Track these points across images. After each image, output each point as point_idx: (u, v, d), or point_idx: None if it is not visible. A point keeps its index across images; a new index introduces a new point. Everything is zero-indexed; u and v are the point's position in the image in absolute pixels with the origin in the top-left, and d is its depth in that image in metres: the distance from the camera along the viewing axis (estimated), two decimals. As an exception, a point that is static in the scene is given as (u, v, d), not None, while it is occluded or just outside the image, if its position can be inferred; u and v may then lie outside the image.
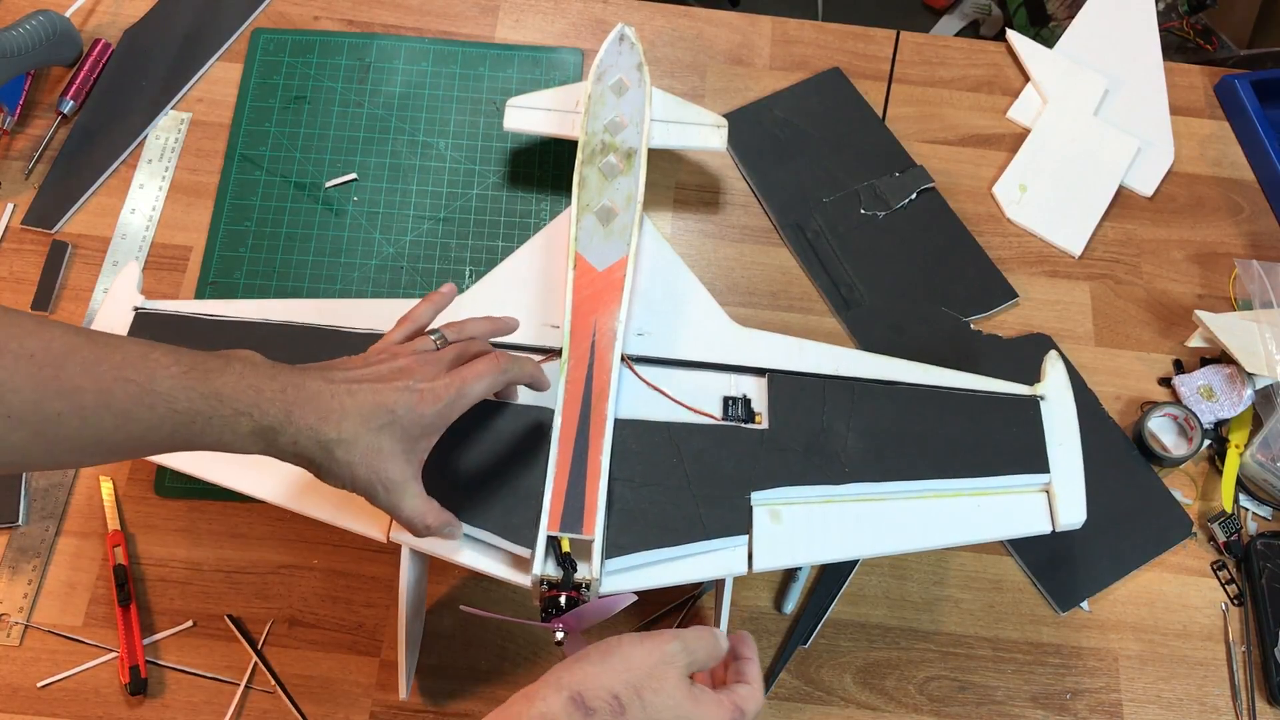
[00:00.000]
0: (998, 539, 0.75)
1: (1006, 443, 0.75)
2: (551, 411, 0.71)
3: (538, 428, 0.72)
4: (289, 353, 0.73)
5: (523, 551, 0.67)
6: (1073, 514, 0.73)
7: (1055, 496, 0.73)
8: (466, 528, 0.67)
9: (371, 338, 0.76)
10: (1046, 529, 0.73)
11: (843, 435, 0.74)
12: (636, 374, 0.76)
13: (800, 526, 0.71)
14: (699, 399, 0.76)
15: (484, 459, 0.71)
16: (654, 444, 0.72)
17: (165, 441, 0.56)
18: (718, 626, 0.75)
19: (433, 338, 0.67)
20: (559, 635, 0.64)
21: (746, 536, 0.70)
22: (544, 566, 0.65)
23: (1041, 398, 0.77)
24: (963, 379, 0.78)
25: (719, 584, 0.75)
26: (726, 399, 0.76)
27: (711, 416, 0.75)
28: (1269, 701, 0.82)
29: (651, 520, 0.69)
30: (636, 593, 0.66)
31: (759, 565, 0.69)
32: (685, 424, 0.74)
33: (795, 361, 0.78)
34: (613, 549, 0.67)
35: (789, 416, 0.75)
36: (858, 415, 0.75)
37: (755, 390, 0.77)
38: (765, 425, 0.74)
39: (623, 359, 0.75)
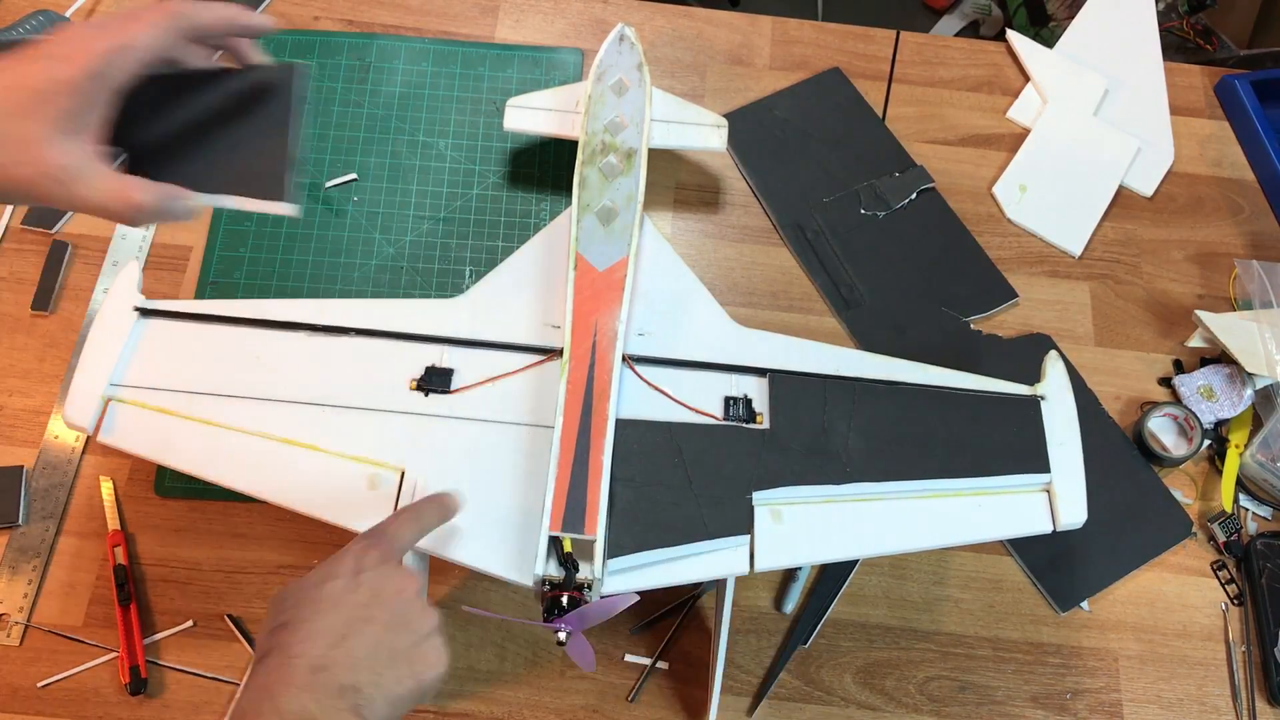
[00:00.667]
0: (998, 539, 0.75)
1: (1007, 443, 0.75)
2: (287, 67, 0.64)
3: (266, 83, 0.64)
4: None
5: (273, 207, 0.62)
6: (1073, 514, 0.73)
7: (1056, 496, 0.74)
8: (205, 197, 0.60)
9: (372, 334, 0.77)
10: (1047, 529, 0.73)
11: (844, 435, 0.74)
12: (637, 374, 0.76)
13: (802, 526, 0.71)
14: (700, 399, 0.76)
15: (214, 126, 0.63)
16: (655, 444, 0.72)
17: None
18: (719, 627, 0.75)
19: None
20: (561, 636, 0.64)
21: (748, 536, 0.70)
22: (546, 566, 0.65)
23: (1042, 397, 0.77)
24: (963, 379, 0.78)
25: (720, 584, 0.75)
26: (727, 399, 0.76)
27: (713, 417, 0.75)
28: (1269, 701, 0.82)
29: (653, 520, 0.69)
30: (638, 592, 0.66)
31: (760, 565, 0.69)
32: (686, 424, 0.74)
33: (796, 362, 0.78)
34: (614, 549, 0.67)
35: (790, 416, 0.75)
36: (859, 415, 0.75)
37: (756, 390, 0.77)
38: (766, 425, 0.74)
39: (624, 359, 0.75)
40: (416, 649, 0.57)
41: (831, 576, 0.85)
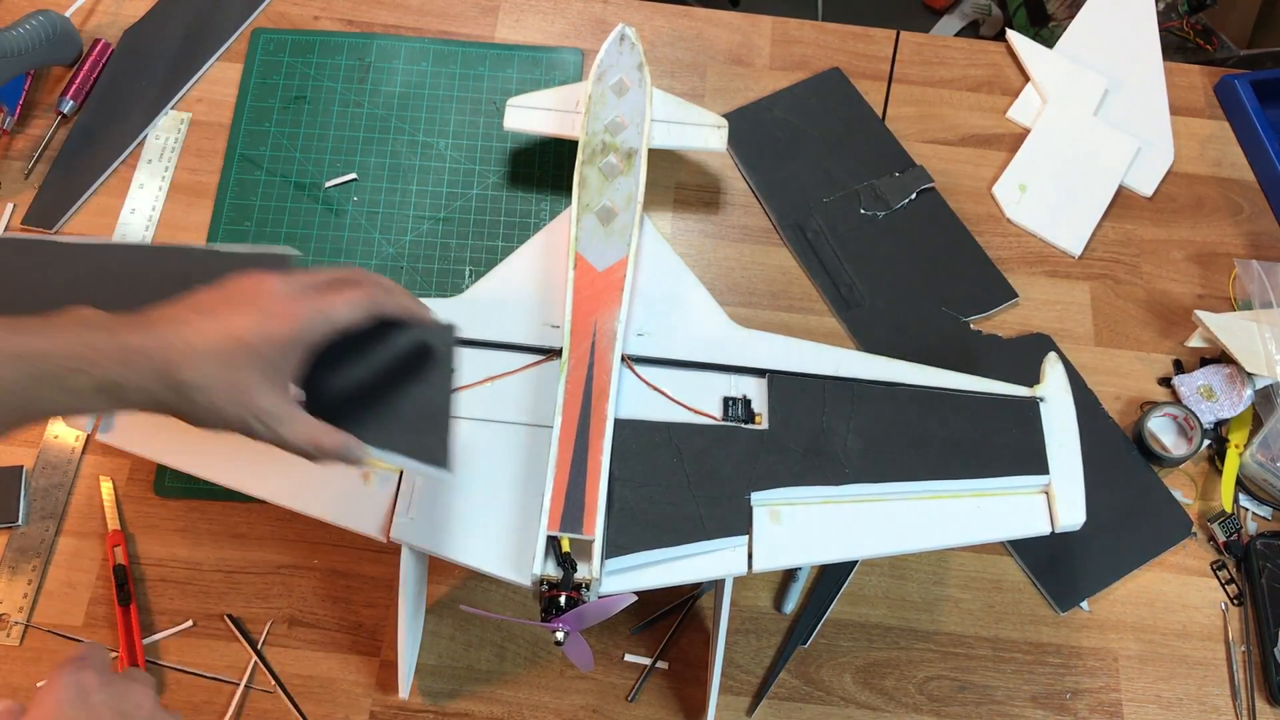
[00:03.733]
0: (997, 540, 0.75)
1: (1006, 444, 0.75)
2: (448, 327, 0.68)
3: (428, 346, 0.67)
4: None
5: (433, 472, 0.64)
6: (1072, 515, 0.73)
7: (1055, 498, 0.73)
8: (375, 450, 0.63)
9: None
10: (1046, 530, 0.73)
11: (842, 436, 0.74)
12: (637, 374, 0.76)
13: (800, 527, 0.71)
14: (699, 399, 0.76)
15: (384, 381, 0.66)
16: (654, 444, 0.72)
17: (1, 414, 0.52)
18: (718, 627, 0.75)
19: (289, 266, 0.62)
20: (559, 635, 0.64)
21: (746, 537, 0.70)
22: (544, 566, 0.65)
23: (1041, 399, 0.77)
24: (962, 380, 0.78)
25: (718, 584, 0.75)
26: (726, 399, 0.76)
27: (711, 417, 0.75)
28: (1269, 701, 0.82)
29: (651, 520, 0.69)
30: (636, 593, 0.66)
31: (759, 565, 0.69)
32: (685, 424, 0.74)
33: (795, 362, 0.78)
34: (613, 549, 0.67)
35: (789, 417, 0.75)
36: (857, 416, 0.75)
37: (755, 391, 0.77)
38: (765, 426, 0.74)
39: (623, 359, 0.75)
40: None
41: (831, 576, 0.85)
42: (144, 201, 0.97)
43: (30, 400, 0.52)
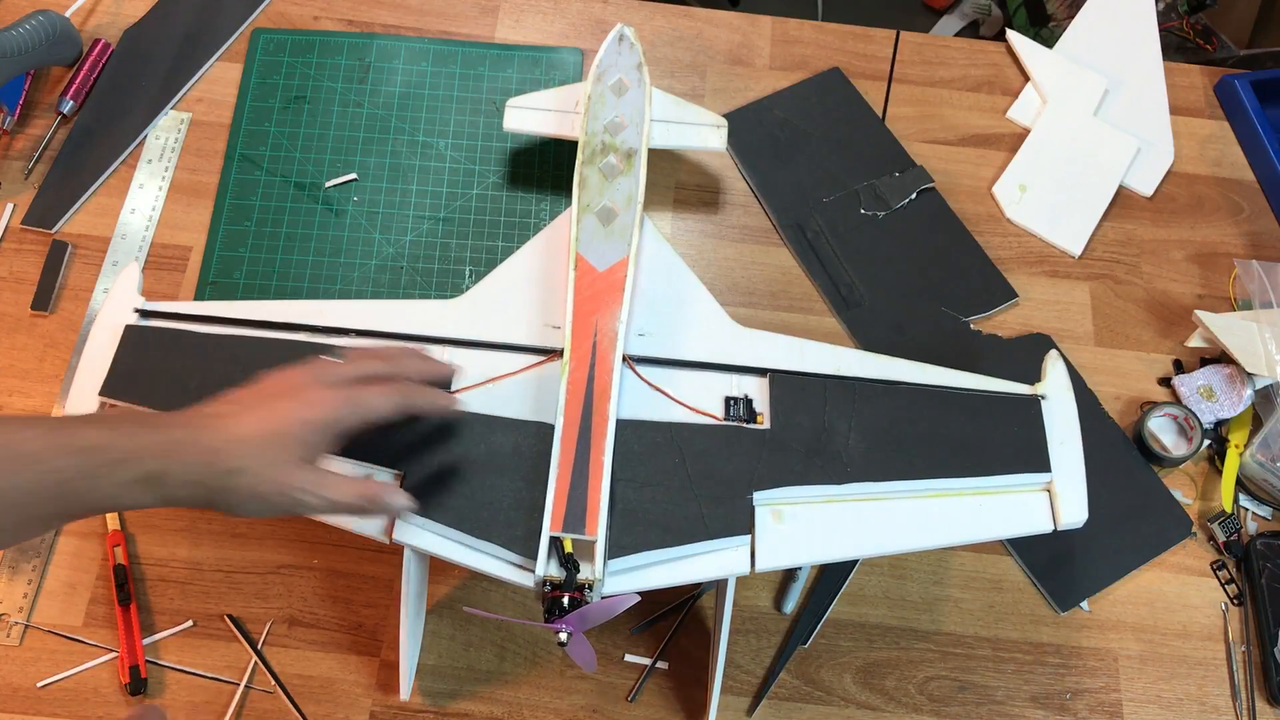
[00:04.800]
0: (999, 538, 0.75)
1: (1008, 442, 0.75)
2: (551, 426, 0.71)
3: (537, 441, 0.72)
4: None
5: (528, 563, 0.67)
6: (1074, 513, 0.73)
7: (1057, 496, 0.74)
8: (472, 540, 0.68)
9: (372, 335, 0.77)
10: (1048, 528, 0.73)
11: (844, 435, 0.74)
12: (638, 374, 0.76)
13: (803, 526, 0.71)
14: (701, 399, 0.76)
15: (478, 472, 0.71)
16: (656, 444, 0.72)
17: (50, 507, 0.56)
18: (720, 627, 0.75)
19: (332, 358, 0.67)
20: (562, 636, 0.64)
21: (749, 536, 0.70)
22: (547, 567, 0.65)
23: (1042, 397, 0.77)
24: (964, 379, 0.78)
25: (720, 584, 0.75)
26: (728, 399, 0.76)
27: (713, 417, 0.75)
28: (1269, 701, 0.82)
29: (654, 520, 0.69)
30: (639, 593, 0.66)
31: (762, 565, 0.69)
32: (687, 424, 0.74)
33: (796, 362, 0.78)
34: (615, 549, 0.67)
35: (791, 417, 0.75)
36: (859, 415, 0.75)
37: (757, 390, 0.77)
38: (767, 425, 0.74)
39: (624, 359, 0.75)
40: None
41: (831, 576, 0.85)
42: (144, 201, 0.97)
43: (83, 493, 0.56)
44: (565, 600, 0.64)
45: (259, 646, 0.80)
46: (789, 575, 0.84)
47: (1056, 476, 0.74)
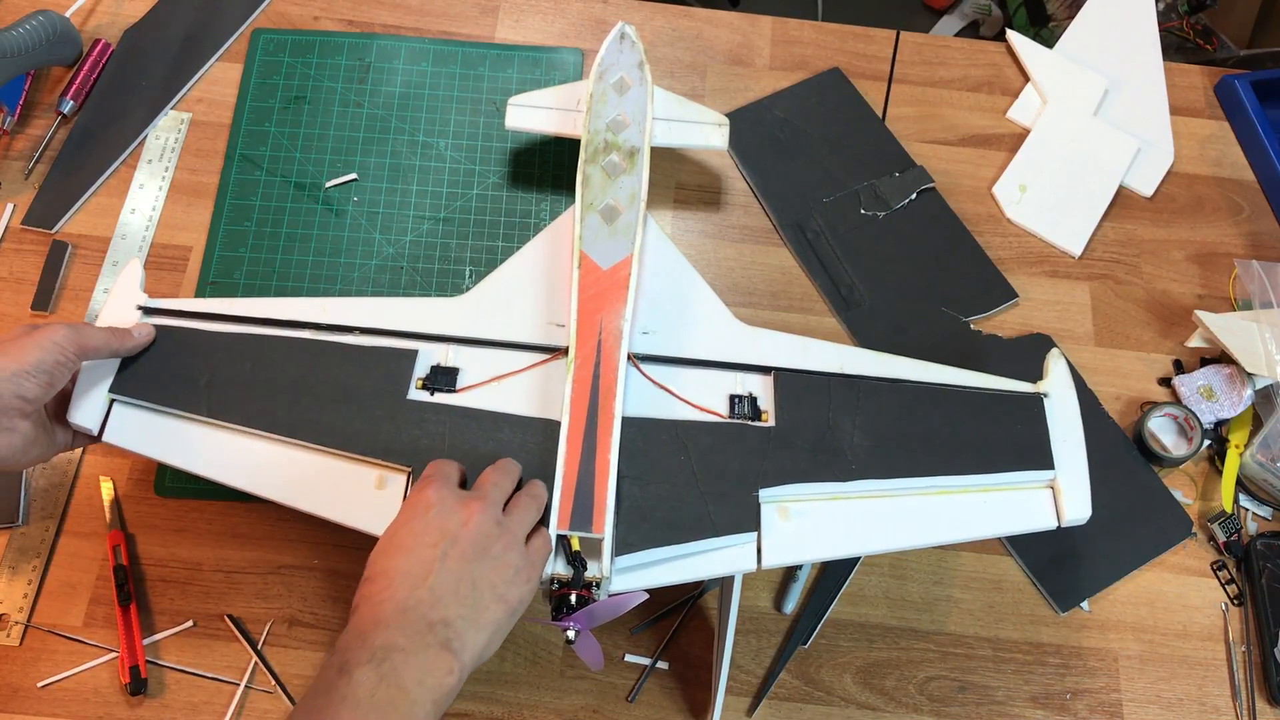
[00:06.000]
0: (1003, 534, 0.75)
1: (1011, 439, 0.75)
2: (557, 424, 0.71)
3: (544, 438, 0.72)
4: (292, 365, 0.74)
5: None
6: (1078, 509, 0.73)
7: (1060, 492, 0.74)
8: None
9: (375, 333, 0.77)
10: (1052, 525, 0.73)
11: (849, 432, 0.74)
12: (643, 373, 0.76)
13: (808, 523, 0.71)
14: (705, 397, 0.76)
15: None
16: (661, 442, 0.72)
17: None
18: (725, 626, 0.75)
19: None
20: (570, 634, 0.64)
21: (755, 533, 0.70)
22: (554, 565, 0.65)
23: (1045, 394, 0.78)
24: (967, 376, 0.78)
25: (726, 583, 0.75)
26: (733, 397, 0.76)
27: (718, 415, 0.75)
28: (1269, 701, 0.82)
29: (660, 518, 0.69)
30: (646, 590, 0.66)
31: (768, 562, 0.69)
32: (692, 422, 0.74)
33: (800, 360, 0.78)
34: (622, 547, 0.67)
35: (795, 414, 0.75)
36: (863, 413, 0.75)
37: (761, 388, 0.77)
38: (772, 423, 0.74)
39: (629, 357, 0.75)
40: (497, 572, 0.61)
41: (831, 576, 0.85)
42: (144, 201, 0.97)
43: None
44: (573, 598, 0.64)
45: (259, 646, 0.80)
46: (789, 575, 0.84)
47: (1060, 473, 0.74)
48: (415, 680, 0.56)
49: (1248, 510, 0.89)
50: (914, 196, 1.01)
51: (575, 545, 0.66)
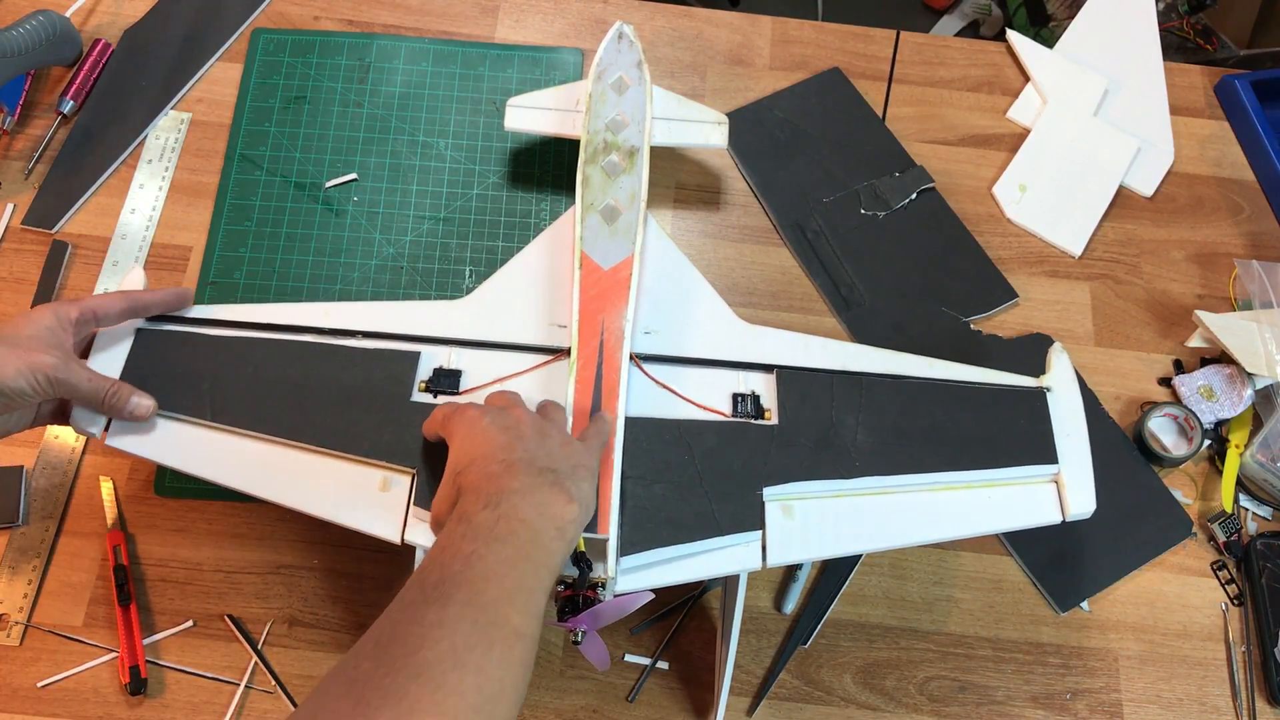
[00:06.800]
0: (1008, 529, 0.75)
1: (1014, 434, 0.75)
2: None
3: None
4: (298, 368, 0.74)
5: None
6: (1082, 503, 0.73)
7: (1064, 486, 0.74)
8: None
9: (378, 337, 0.77)
10: (1056, 519, 0.73)
11: (852, 429, 0.74)
12: (645, 372, 0.76)
13: (813, 520, 0.71)
14: (708, 396, 0.76)
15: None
16: (665, 442, 0.72)
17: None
18: (730, 625, 0.75)
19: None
20: (577, 635, 0.64)
21: (760, 531, 0.70)
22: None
23: (1048, 389, 0.78)
24: (969, 372, 0.78)
25: (730, 581, 0.75)
26: (736, 396, 0.76)
27: (721, 413, 0.75)
28: (1269, 701, 0.82)
29: (665, 517, 0.69)
30: (652, 590, 0.66)
31: (773, 560, 0.69)
32: (695, 421, 0.74)
33: (803, 358, 0.78)
34: (627, 547, 0.67)
35: (798, 412, 0.75)
36: (866, 410, 0.75)
37: (764, 387, 0.77)
38: (775, 421, 0.74)
39: (631, 357, 0.75)
40: (564, 455, 0.64)
41: (831, 576, 0.85)
42: (144, 201, 0.97)
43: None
44: (579, 599, 0.64)
45: (259, 646, 0.80)
46: (789, 575, 0.84)
47: (1064, 467, 0.74)
48: (535, 511, 0.59)
49: (1248, 510, 0.89)
50: (914, 196, 1.01)
51: (581, 546, 0.66)
